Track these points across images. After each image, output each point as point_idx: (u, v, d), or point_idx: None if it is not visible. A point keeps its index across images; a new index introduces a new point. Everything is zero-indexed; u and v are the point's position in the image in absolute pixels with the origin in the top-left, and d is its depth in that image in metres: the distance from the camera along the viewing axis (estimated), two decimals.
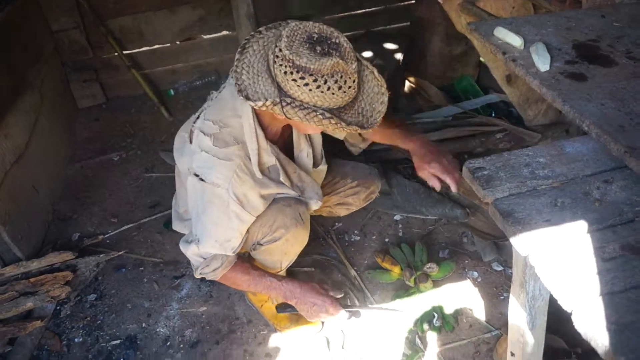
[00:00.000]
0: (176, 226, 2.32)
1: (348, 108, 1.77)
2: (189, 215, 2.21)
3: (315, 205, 2.17)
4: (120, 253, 2.83)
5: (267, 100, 1.70)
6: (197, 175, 1.86)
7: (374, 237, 2.83)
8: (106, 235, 2.96)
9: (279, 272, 2.19)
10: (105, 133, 3.76)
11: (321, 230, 2.88)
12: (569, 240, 1.22)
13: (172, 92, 4.11)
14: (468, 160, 1.42)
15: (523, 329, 1.58)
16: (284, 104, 1.69)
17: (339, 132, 1.84)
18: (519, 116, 3.18)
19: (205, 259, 1.98)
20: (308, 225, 2.14)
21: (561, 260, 1.17)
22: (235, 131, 1.89)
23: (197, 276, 2.04)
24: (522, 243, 1.22)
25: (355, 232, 2.88)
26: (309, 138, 2.16)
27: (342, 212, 2.54)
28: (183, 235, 2.39)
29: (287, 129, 2.07)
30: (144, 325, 2.50)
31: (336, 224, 2.92)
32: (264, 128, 1.92)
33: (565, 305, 1.10)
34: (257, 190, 1.93)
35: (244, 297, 2.56)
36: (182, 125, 2.14)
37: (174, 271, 2.75)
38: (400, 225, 2.88)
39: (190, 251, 2.00)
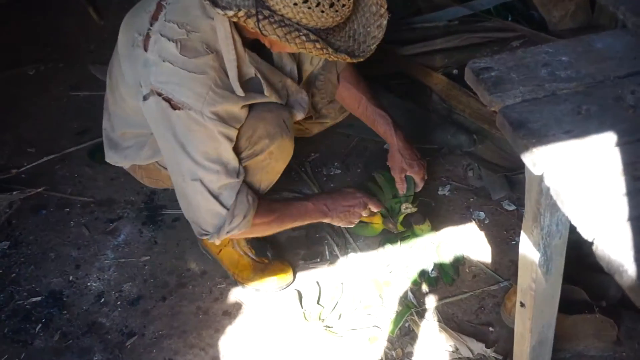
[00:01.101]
0: (110, 157, 2.29)
1: (337, 30, 1.75)
2: (129, 140, 2.19)
3: (299, 115, 2.18)
4: (39, 190, 2.81)
5: (239, 10, 1.67)
6: (160, 95, 1.84)
7: (358, 171, 2.84)
8: (21, 169, 2.93)
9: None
10: (17, 40, 3.66)
11: (294, 162, 2.86)
12: (594, 156, 1.21)
13: None
14: (472, 59, 1.40)
15: (536, 273, 1.60)
16: (260, 17, 1.66)
17: (321, 57, 1.83)
18: (541, 19, 3.14)
19: (227, 208, 1.97)
20: (293, 135, 2.15)
21: (583, 179, 1.17)
22: (206, 36, 1.86)
23: (221, 239, 2.04)
24: (536, 160, 1.21)
25: (336, 164, 2.88)
26: (294, 54, 2.16)
27: (314, 128, 2.54)
28: (118, 168, 2.38)
29: None
30: (71, 278, 2.51)
31: (312, 154, 2.93)
32: (240, 31, 1.90)
33: (586, 233, 1.11)
34: (240, 103, 1.94)
35: (196, 244, 2.57)
36: (126, 21, 2.06)
37: (109, 213, 2.74)
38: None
39: (207, 203, 1.95)
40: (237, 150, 1.99)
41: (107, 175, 2.88)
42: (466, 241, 2.54)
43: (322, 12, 1.68)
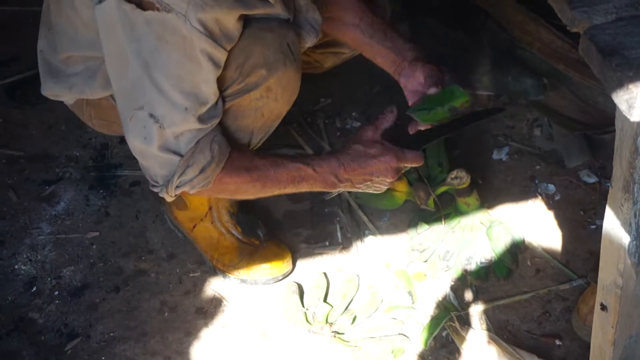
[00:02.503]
0: (49, 88, 2.24)
1: None
2: (77, 66, 2.16)
3: (309, 41, 2.16)
4: None
5: None
6: None
7: None
8: None
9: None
10: None
11: (296, 109, 2.85)
12: None
13: None
14: None
15: (624, 264, 1.58)
16: None
17: None
18: None
19: (181, 155, 1.94)
20: (300, 65, 2.11)
21: None
22: None
23: (172, 195, 2.01)
24: (634, 100, 1.19)
25: (354, 114, 2.87)
26: None
27: (327, 60, 2.54)
28: (58, 113, 2.36)
29: None
30: None
31: (322, 100, 2.91)
32: None
33: None
34: (237, 11, 1.89)
35: (162, 217, 2.58)
36: None
37: (44, 172, 2.75)
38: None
39: (151, 149, 1.93)
40: (221, 82, 1.95)
41: (43, 121, 2.87)
42: (528, 223, 2.53)
43: None
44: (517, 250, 2.45)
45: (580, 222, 2.53)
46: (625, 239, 1.54)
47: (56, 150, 2.80)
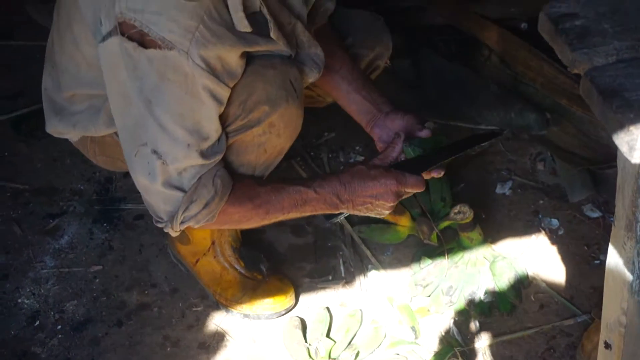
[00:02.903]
0: (53, 126, 2.26)
1: None
2: (80, 104, 2.17)
3: (312, 76, 2.16)
4: None
5: None
6: (124, 34, 1.81)
7: None
8: None
9: None
10: None
11: (300, 143, 2.87)
12: None
13: None
14: (550, 2, 1.39)
15: (627, 302, 1.58)
16: None
17: None
18: None
19: (184, 190, 1.95)
20: (302, 103, 2.12)
21: None
22: None
23: (177, 230, 2.02)
24: (634, 142, 1.19)
25: (358, 148, 2.87)
26: None
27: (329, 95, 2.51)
28: (63, 147, 2.37)
29: None
30: None
31: (326, 133, 2.92)
32: None
33: None
34: (239, 48, 1.91)
35: (165, 251, 2.58)
36: None
37: (48, 206, 2.74)
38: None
39: (155, 185, 1.94)
40: (224, 118, 1.97)
41: (48, 155, 2.87)
42: (532, 258, 2.53)
43: None
44: (521, 286, 2.45)
45: (584, 257, 2.53)
46: (628, 277, 1.54)
47: (61, 184, 2.80)
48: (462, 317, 2.39)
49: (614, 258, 1.56)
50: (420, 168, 2.12)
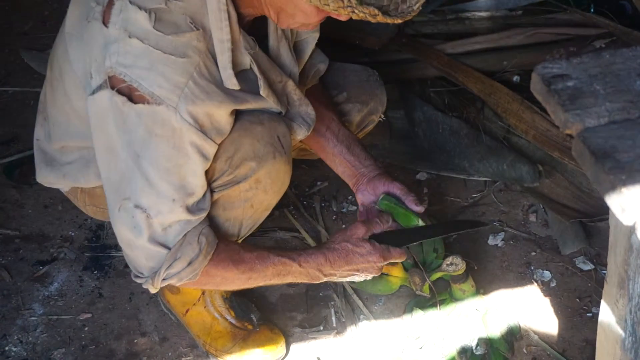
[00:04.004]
0: (43, 176, 2.28)
1: None
2: (71, 155, 2.18)
3: (301, 134, 2.18)
4: None
5: None
6: (114, 88, 1.83)
7: None
8: None
9: (236, 240, 2.20)
10: None
11: (292, 192, 2.87)
12: None
13: None
14: (542, 62, 1.39)
15: (619, 359, 1.58)
16: None
17: (343, 17, 1.84)
18: (634, 13, 3.14)
19: (168, 247, 1.95)
20: (291, 158, 2.13)
21: None
22: (191, 8, 1.87)
23: (157, 287, 2.01)
24: (626, 204, 1.19)
25: (350, 197, 2.87)
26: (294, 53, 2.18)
27: None
28: (55, 193, 2.37)
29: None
30: None
31: (318, 183, 2.92)
32: (236, 6, 1.92)
33: None
34: (228, 105, 1.93)
35: (155, 299, 2.56)
36: None
37: (38, 252, 2.74)
38: (425, 190, 2.87)
39: (139, 240, 1.94)
40: (211, 174, 1.98)
41: (39, 201, 2.87)
42: (524, 310, 2.52)
43: None
44: (513, 338, 2.43)
45: (577, 309, 2.52)
46: (620, 334, 1.54)
47: (51, 231, 2.79)
48: None
49: (606, 315, 1.56)
50: (402, 242, 2.20)
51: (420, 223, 2.25)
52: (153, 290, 2.04)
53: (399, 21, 1.81)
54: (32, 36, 3.58)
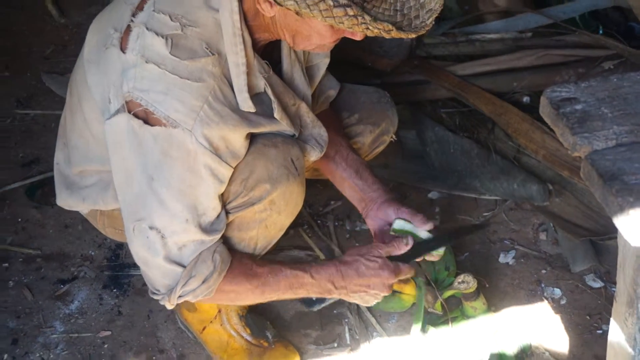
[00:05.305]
0: (63, 199, 2.29)
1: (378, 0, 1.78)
2: (90, 178, 2.20)
3: (314, 155, 2.19)
4: None
5: None
6: (130, 112, 1.85)
7: None
8: None
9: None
10: None
11: (307, 211, 2.88)
12: None
13: None
14: (551, 86, 1.41)
15: None
16: None
17: (357, 35, 1.85)
18: None
19: (183, 266, 1.97)
20: (304, 180, 2.15)
21: None
22: (207, 33, 1.90)
23: (173, 303, 2.02)
24: (635, 225, 1.20)
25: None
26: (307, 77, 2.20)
27: None
28: (75, 213, 2.38)
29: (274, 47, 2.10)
30: (5, 357, 2.50)
31: (332, 202, 2.92)
32: (250, 32, 1.94)
33: None
34: (243, 129, 1.95)
35: (173, 317, 2.56)
36: (99, 18, 2.10)
37: (59, 271, 2.74)
38: (437, 209, 2.89)
39: (155, 259, 1.96)
40: (227, 196, 2.00)
41: (60, 221, 2.88)
42: (535, 327, 2.51)
43: None
44: (524, 355, 2.42)
45: (587, 326, 2.50)
46: (630, 352, 1.53)
47: (72, 250, 2.80)
48: None
49: (616, 333, 1.55)
50: (409, 257, 2.18)
51: None
52: (169, 307, 2.05)
53: (413, 36, 1.81)
54: (53, 60, 3.60)
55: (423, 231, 2.22)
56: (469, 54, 3.25)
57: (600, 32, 3.29)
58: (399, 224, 2.24)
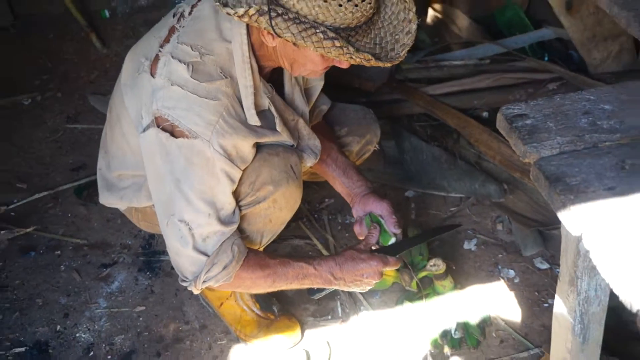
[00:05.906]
0: (105, 198, 2.30)
1: (361, 33, 1.78)
2: (126, 181, 2.21)
3: (310, 162, 2.20)
4: (28, 230, 2.82)
5: (250, 7, 1.70)
6: (159, 126, 1.86)
7: None
8: (10, 207, 2.94)
9: (258, 249, 2.20)
10: (12, 67, 3.71)
11: (305, 207, 2.87)
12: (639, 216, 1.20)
13: (107, 13, 4.05)
14: (505, 105, 1.40)
15: (571, 342, 1.58)
16: (273, 14, 1.69)
17: (344, 63, 1.85)
18: (580, 60, 3.16)
19: (207, 255, 1.97)
20: (301, 182, 2.16)
21: (626, 241, 1.16)
22: (221, 60, 1.91)
23: (199, 288, 2.02)
24: (574, 219, 1.20)
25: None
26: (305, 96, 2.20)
27: None
28: (115, 209, 2.38)
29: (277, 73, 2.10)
30: (58, 328, 2.50)
31: (326, 200, 2.92)
32: (257, 60, 1.95)
33: (630, 303, 1.09)
34: (251, 139, 1.96)
35: (196, 295, 2.55)
36: (134, 49, 2.11)
37: (102, 257, 2.74)
38: (412, 205, 2.89)
39: (185, 249, 1.95)
40: (238, 196, 2.01)
41: (103, 216, 2.88)
42: (493, 301, 2.51)
43: (340, 5, 1.69)
44: (484, 324, 2.42)
45: (536, 301, 2.51)
46: (571, 322, 1.54)
47: (113, 240, 2.80)
48: (437, 349, 2.37)
49: (559, 306, 1.56)
50: (395, 252, 2.19)
51: (393, 241, 2.24)
52: (196, 292, 2.04)
53: (389, 65, 1.82)
54: (97, 83, 3.62)
55: (391, 227, 2.23)
56: (439, 77, 3.26)
57: (546, 59, 3.31)
58: (368, 219, 2.26)
